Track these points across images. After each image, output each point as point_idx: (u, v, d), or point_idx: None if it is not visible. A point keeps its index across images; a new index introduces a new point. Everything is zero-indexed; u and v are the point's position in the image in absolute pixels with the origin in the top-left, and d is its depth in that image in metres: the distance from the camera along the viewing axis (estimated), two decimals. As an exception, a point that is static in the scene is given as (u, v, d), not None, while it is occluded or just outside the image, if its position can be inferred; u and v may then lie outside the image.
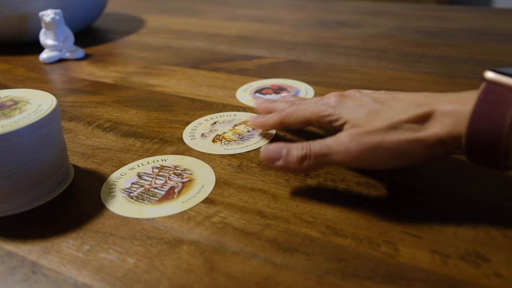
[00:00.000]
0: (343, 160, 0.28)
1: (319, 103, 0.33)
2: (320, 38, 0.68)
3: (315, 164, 0.29)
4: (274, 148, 0.30)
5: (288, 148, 0.29)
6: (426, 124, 0.26)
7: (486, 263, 0.24)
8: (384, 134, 0.27)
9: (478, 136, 0.24)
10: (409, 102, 0.28)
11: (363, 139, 0.27)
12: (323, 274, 0.24)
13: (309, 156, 0.29)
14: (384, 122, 0.27)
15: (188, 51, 0.66)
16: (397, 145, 0.26)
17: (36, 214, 0.31)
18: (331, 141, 0.29)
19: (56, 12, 0.61)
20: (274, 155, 0.29)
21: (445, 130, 0.25)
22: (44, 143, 0.30)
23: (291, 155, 0.29)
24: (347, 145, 0.28)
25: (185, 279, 0.24)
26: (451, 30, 0.69)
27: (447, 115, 0.26)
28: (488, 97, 0.24)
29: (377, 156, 0.27)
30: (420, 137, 0.26)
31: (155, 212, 0.30)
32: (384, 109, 0.29)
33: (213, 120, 0.43)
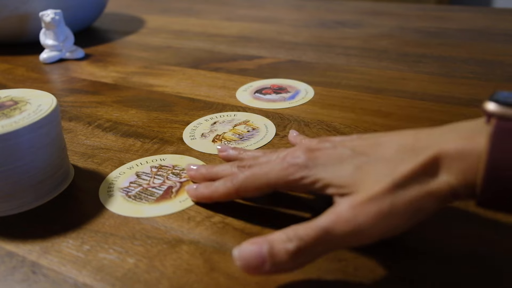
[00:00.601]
0: (352, 241, 0.22)
1: (285, 164, 0.26)
2: (320, 38, 0.68)
3: (313, 256, 0.22)
4: (250, 250, 0.22)
5: (269, 243, 0.22)
6: (434, 174, 0.22)
7: (485, 263, 0.24)
8: (392, 195, 0.22)
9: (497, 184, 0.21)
10: (398, 147, 0.24)
11: (370, 209, 0.22)
12: (323, 274, 0.24)
13: (303, 249, 0.22)
14: (385, 181, 0.22)
15: (188, 51, 0.66)
16: (411, 204, 0.22)
17: (36, 214, 0.31)
18: (328, 222, 0.22)
19: (56, 12, 0.61)
20: (255, 259, 0.22)
21: (456, 177, 0.21)
22: (44, 143, 0.30)
23: (278, 253, 0.22)
24: (354, 222, 0.22)
25: (185, 279, 0.24)
26: (451, 30, 0.69)
27: (454, 159, 0.21)
28: (502, 138, 0.21)
29: (391, 223, 0.22)
30: (431, 191, 0.22)
31: (153, 211, 0.30)
32: (371, 162, 0.24)
33: (213, 120, 0.43)
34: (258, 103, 0.46)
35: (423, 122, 0.40)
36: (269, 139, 0.38)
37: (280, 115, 0.43)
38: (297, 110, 0.44)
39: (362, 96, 0.46)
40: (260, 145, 0.38)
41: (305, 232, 0.22)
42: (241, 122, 0.42)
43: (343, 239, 0.22)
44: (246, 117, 0.43)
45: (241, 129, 0.41)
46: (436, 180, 0.22)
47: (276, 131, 0.40)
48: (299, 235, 0.22)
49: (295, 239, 0.22)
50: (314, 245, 0.22)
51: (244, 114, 0.44)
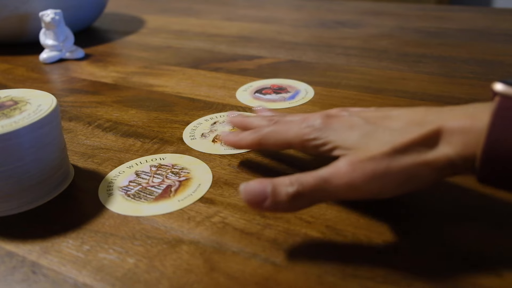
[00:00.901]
0: (346, 193, 0.24)
1: (303, 125, 0.29)
2: (320, 38, 0.68)
3: (310, 201, 0.25)
4: (256, 186, 0.25)
5: (274, 184, 0.25)
6: (433, 145, 0.23)
7: (486, 263, 0.24)
8: (389, 159, 0.24)
9: (496, 159, 0.21)
10: (407, 121, 0.25)
11: (367, 167, 0.24)
12: (323, 274, 0.24)
13: (302, 193, 0.24)
14: (386, 146, 0.24)
15: (188, 51, 0.66)
16: (405, 170, 0.23)
17: (36, 214, 0.31)
18: (327, 173, 0.24)
19: (56, 12, 0.61)
20: (258, 195, 0.24)
21: (455, 151, 0.23)
22: (44, 143, 0.30)
23: (279, 194, 0.24)
24: (350, 175, 0.24)
25: (185, 279, 0.24)
26: (451, 30, 0.69)
27: (455, 133, 0.23)
28: (504, 114, 0.22)
29: (383, 185, 0.24)
30: (428, 160, 0.23)
31: (152, 210, 0.30)
32: (379, 130, 0.25)
33: (213, 120, 0.43)
34: (258, 103, 0.46)
35: (423, 122, 0.40)
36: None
37: (280, 115, 0.43)
38: (297, 110, 0.44)
39: (362, 96, 0.46)
40: (260, 145, 0.37)
41: (306, 179, 0.24)
42: (241, 122, 0.42)
43: (338, 190, 0.24)
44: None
45: (241, 129, 0.40)
46: (435, 151, 0.23)
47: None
48: (300, 181, 0.24)
49: (296, 184, 0.24)
50: (311, 192, 0.24)
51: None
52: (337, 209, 0.29)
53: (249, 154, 0.36)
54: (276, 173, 0.33)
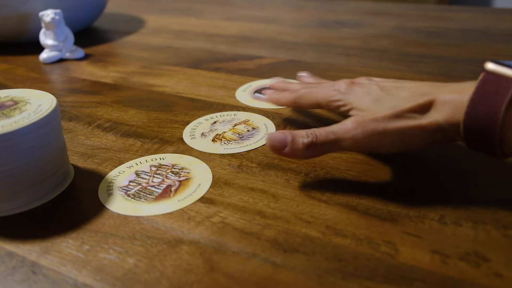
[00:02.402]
0: (350, 146, 0.30)
1: (331, 88, 0.34)
2: (320, 38, 0.68)
3: (322, 151, 0.30)
4: (279, 135, 0.30)
5: (293, 135, 0.30)
6: (426, 112, 0.28)
7: (486, 263, 0.24)
8: (388, 121, 0.29)
9: (474, 123, 0.25)
10: (413, 91, 0.30)
11: (368, 126, 0.29)
12: (323, 274, 0.24)
13: (315, 144, 0.30)
14: (388, 110, 0.29)
15: (188, 51, 0.66)
16: (400, 131, 0.28)
17: (36, 214, 0.31)
18: (337, 128, 0.30)
19: (56, 12, 0.61)
20: (280, 142, 0.30)
21: (444, 117, 0.27)
22: (44, 143, 0.30)
23: (297, 142, 0.30)
24: (354, 131, 0.29)
25: (185, 279, 0.24)
26: (451, 30, 0.69)
27: (446, 103, 0.27)
28: (485, 86, 0.25)
29: (381, 141, 0.29)
30: (420, 124, 0.28)
31: (151, 210, 0.30)
32: (388, 98, 0.30)
33: (213, 119, 0.43)
34: (257, 103, 0.46)
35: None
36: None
37: (280, 115, 0.43)
38: (297, 110, 0.44)
39: (362, 96, 0.46)
40: (260, 144, 0.37)
41: (319, 132, 0.30)
42: (241, 122, 0.42)
43: (343, 142, 0.30)
44: (246, 117, 0.43)
45: (241, 128, 0.41)
46: (426, 117, 0.28)
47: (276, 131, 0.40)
48: (314, 133, 0.30)
49: (310, 136, 0.30)
50: (323, 143, 0.30)
51: (244, 114, 0.44)
52: (337, 209, 0.29)
53: (248, 154, 0.36)
54: (275, 173, 0.33)
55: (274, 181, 0.32)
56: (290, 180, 0.32)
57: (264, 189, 0.32)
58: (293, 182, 0.32)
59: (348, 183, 0.32)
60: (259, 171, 0.34)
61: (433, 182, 0.31)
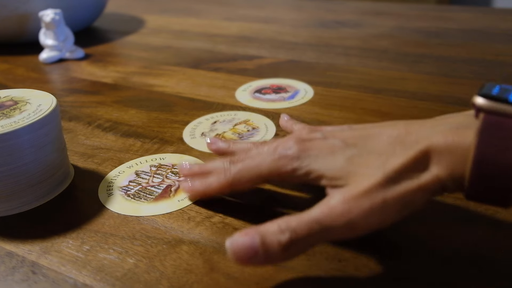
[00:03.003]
0: (344, 234, 0.23)
1: (276, 155, 0.26)
2: (320, 38, 0.68)
3: (305, 247, 0.23)
4: (242, 241, 0.22)
5: (261, 234, 0.22)
6: (423, 167, 0.22)
7: (486, 263, 0.24)
8: (384, 190, 0.22)
9: (485, 179, 0.21)
10: (389, 140, 0.24)
11: (363, 203, 0.22)
12: (323, 274, 0.24)
13: (295, 241, 0.22)
14: (377, 175, 0.23)
15: (188, 51, 0.66)
16: (401, 199, 0.22)
17: (36, 214, 0.31)
18: (321, 214, 0.22)
19: (56, 12, 0.61)
20: (247, 251, 0.22)
21: (445, 171, 0.22)
22: (44, 143, 0.30)
23: (270, 245, 0.22)
24: (348, 216, 0.22)
25: (185, 279, 0.24)
26: (451, 30, 0.69)
27: (443, 153, 0.22)
28: (490, 132, 0.21)
29: (383, 217, 0.23)
30: (421, 185, 0.22)
31: (151, 210, 0.30)
32: (363, 154, 0.24)
33: (213, 119, 0.43)
34: (257, 103, 0.46)
35: (423, 122, 0.40)
36: (268, 139, 0.38)
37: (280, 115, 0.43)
38: (297, 110, 0.44)
39: (362, 96, 0.46)
40: (260, 145, 0.37)
41: (298, 224, 0.22)
42: (241, 122, 0.42)
43: (336, 231, 0.22)
44: (247, 117, 0.43)
45: (241, 128, 0.41)
46: (426, 173, 0.22)
47: (276, 131, 0.40)
48: (292, 227, 0.22)
49: (287, 231, 0.22)
50: (306, 237, 0.22)
51: (244, 114, 0.44)
52: (337, 209, 0.29)
53: (249, 154, 0.36)
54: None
55: (274, 181, 0.32)
56: (290, 180, 0.32)
57: (264, 188, 0.32)
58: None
59: (348, 183, 0.32)
60: (259, 171, 0.34)
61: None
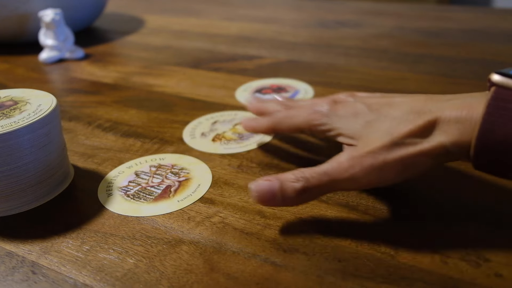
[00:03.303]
0: (349, 186, 0.26)
1: (311, 110, 0.31)
2: (320, 38, 0.68)
3: (316, 195, 0.27)
4: (264, 185, 0.26)
5: (281, 181, 0.26)
6: (429, 134, 0.24)
7: (486, 263, 0.24)
8: (386, 152, 0.25)
9: (490, 146, 0.22)
10: (407, 109, 0.26)
11: (366, 161, 0.25)
12: (323, 274, 0.24)
13: (308, 188, 0.26)
14: (384, 138, 0.25)
15: (188, 51, 0.66)
16: (402, 161, 0.25)
17: (36, 214, 0.31)
18: (331, 168, 0.26)
19: (56, 12, 0.61)
20: (268, 193, 0.26)
21: (450, 139, 0.24)
22: (44, 143, 0.30)
23: (287, 190, 0.26)
24: (351, 171, 0.25)
25: (185, 279, 0.24)
26: (451, 30, 0.69)
27: (452, 123, 0.24)
28: (499, 104, 0.22)
29: (382, 176, 0.25)
30: (424, 150, 0.24)
31: (151, 210, 0.30)
32: (380, 119, 0.27)
33: (213, 119, 0.43)
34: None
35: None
36: (268, 139, 0.38)
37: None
38: (297, 110, 0.44)
39: (362, 96, 0.46)
40: (259, 144, 0.37)
41: (311, 174, 0.26)
42: (241, 122, 0.42)
43: (340, 183, 0.26)
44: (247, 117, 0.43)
45: (241, 128, 0.40)
46: (430, 140, 0.24)
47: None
48: (305, 176, 0.26)
49: (302, 180, 0.26)
50: (316, 186, 0.26)
51: (244, 114, 0.44)
52: (337, 209, 0.29)
53: (248, 154, 0.36)
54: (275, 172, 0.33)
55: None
56: (290, 180, 0.32)
57: (264, 189, 0.32)
58: (293, 182, 0.32)
59: (348, 183, 0.32)
60: (259, 171, 0.34)
61: (434, 182, 0.31)
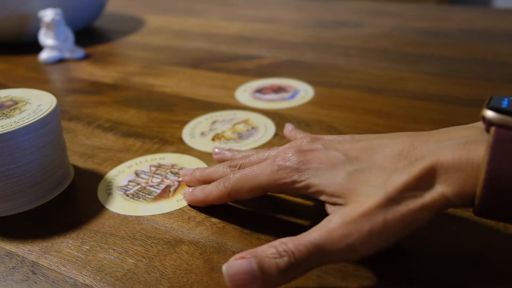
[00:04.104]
0: (344, 257, 0.22)
1: (275, 166, 0.25)
2: (320, 38, 0.68)
3: (304, 271, 0.22)
4: (238, 266, 0.21)
5: (258, 258, 0.21)
6: (428, 185, 0.21)
7: (486, 263, 0.24)
8: (384, 212, 0.21)
9: (498, 195, 0.20)
10: (393, 154, 0.23)
11: (363, 226, 0.21)
12: (323, 274, 0.24)
13: (294, 265, 0.21)
14: (378, 194, 0.22)
15: (188, 51, 0.66)
16: (402, 220, 0.21)
17: (36, 214, 0.31)
18: (321, 238, 0.22)
19: (56, 12, 0.61)
20: (244, 276, 0.21)
21: (452, 190, 0.21)
22: (44, 143, 0.30)
23: (269, 269, 0.21)
24: (346, 241, 0.21)
25: (185, 279, 0.24)
26: (451, 30, 0.69)
27: (451, 170, 0.21)
28: (503, 147, 0.20)
29: (383, 240, 0.22)
30: (425, 204, 0.21)
31: (150, 210, 0.30)
32: (364, 169, 0.23)
33: (213, 119, 0.43)
34: (257, 103, 0.46)
35: (423, 122, 0.40)
36: (268, 138, 0.38)
37: (280, 114, 0.43)
38: (297, 110, 0.44)
39: (362, 96, 0.46)
40: (258, 144, 0.38)
41: (297, 248, 0.21)
42: (241, 121, 0.42)
43: (335, 255, 0.22)
44: (246, 116, 0.43)
45: (240, 128, 0.41)
46: (431, 192, 0.21)
47: (276, 131, 0.40)
48: (290, 250, 0.21)
49: (286, 255, 0.21)
50: (305, 261, 0.21)
51: (244, 113, 0.44)
52: (337, 209, 0.29)
53: (249, 154, 0.36)
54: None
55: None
56: (290, 180, 0.32)
57: (264, 189, 0.32)
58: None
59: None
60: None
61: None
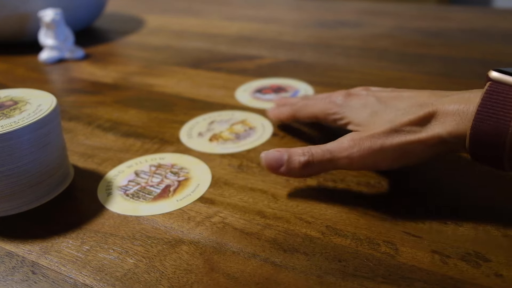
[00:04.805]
0: (346, 165, 0.28)
1: (328, 101, 0.34)
2: (320, 38, 0.68)
3: (318, 170, 0.29)
4: (274, 154, 0.29)
5: (289, 153, 0.29)
6: (427, 125, 0.26)
7: (486, 263, 0.24)
8: (385, 137, 0.27)
9: (482, 136, 0.24)
10: (412, 102, 0.28)
11: (364, 144, 0.28)
12: (323, 274, 0.24)
13: (312, 162, 0.28)
14: (386, 125, 0.28)
15: (188, 51, 0.66)
16: (399, 147, 0.27)
17: (36, 214, 0.31)
18: (333, 147, 0.29)
19: (56, 12, 0.61)
20: (276, 161, 0.29)
21: (447, 130, 0.25)
22: (44, 143, 0.30)
23: (293, 161, 0.29)
24: (350, 150, 0.28)
25: (185, 279, 0.24)
26: (451, 30, 0.69)
27: (449, 115, 0.25)
28: (492, 97, 0.24)
29: (378, 159, 0.28)
30: (421, 138, 0.26)
31: (150, 210, 0.30)
32: (386, 110, 0.29)
33: (210, 119, 0.43)
34: (257, 103, 0.46)
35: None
36: (265, 138, 0.38)
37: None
38: (297, 110, 0.44)
39: (362, 96, 0.46)
40: (255, 144, 0.38)
41: (315, 150, 0.29)
42: (238, 122, 0.42)
43: (339, 161, 0.28)
44: (244, 117, 0.43)
45: (238, 128, 0.41)
46: (427, 130, 0.26)
47: (274, 131, 0.40)
48: (311, 152, 0.29)
49: (307, 154, 0.29)
50: (319, 162, 0.28)
51: (241, 114, 0.44)
52: (337, 209, 0.29)
53: (249, 154, 0.36)
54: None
55: (274, 181, 0.32)
56: (290, 180, 0.32)
57: (264, 189, 0.32)
58: (293, 182, 0.32)
59: (348, 183, 0.32)
60: (259, 171, 0.34)
61: (434, 182, 0.31)
